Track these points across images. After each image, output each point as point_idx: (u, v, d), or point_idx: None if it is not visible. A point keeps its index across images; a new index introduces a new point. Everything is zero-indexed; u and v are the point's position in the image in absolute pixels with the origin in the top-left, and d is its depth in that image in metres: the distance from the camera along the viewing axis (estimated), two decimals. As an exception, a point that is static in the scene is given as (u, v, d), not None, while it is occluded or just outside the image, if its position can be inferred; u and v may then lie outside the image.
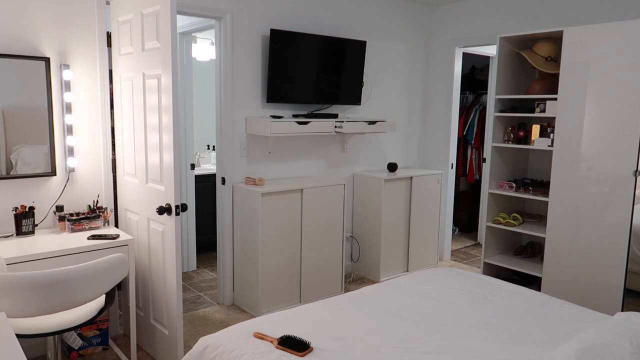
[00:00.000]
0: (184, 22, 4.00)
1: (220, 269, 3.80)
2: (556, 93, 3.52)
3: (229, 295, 3.79)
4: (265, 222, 3.48)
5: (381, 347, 1.91)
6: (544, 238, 3.65)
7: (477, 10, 4.56)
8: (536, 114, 3.74)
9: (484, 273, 4.03)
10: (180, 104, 3.56)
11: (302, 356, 1.81)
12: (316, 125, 3.75)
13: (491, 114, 4.09)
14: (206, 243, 4.64)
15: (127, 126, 2.98)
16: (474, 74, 6.14)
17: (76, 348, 2.91)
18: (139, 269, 2.96)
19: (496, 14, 4.41)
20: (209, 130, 4.37)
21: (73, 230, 2.84)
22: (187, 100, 4.21)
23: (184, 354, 2.16)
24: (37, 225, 2.83)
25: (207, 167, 5.13)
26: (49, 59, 2.84)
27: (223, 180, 3.68)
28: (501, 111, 3.95)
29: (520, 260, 4.10)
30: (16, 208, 2.74)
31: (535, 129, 3.81)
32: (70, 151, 2.95)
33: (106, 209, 3.02)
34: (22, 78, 2.78)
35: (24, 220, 2.74)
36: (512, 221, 4.00)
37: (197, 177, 4.44)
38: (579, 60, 3.38)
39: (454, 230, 5.80)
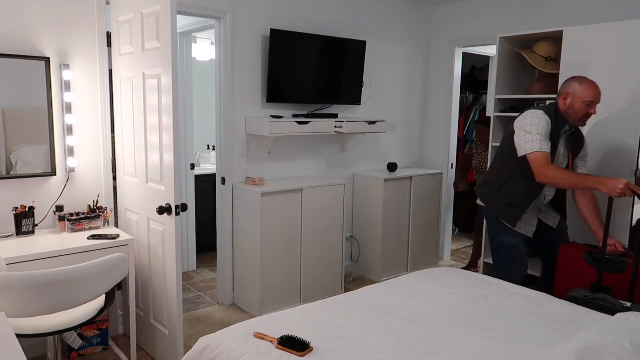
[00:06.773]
0: (184, 22, 4.00)
1: (220, 269, 3.80)
2: (556, 93, 3.52)
3: (229, 295, 3.79)
4: (265, 222, 3.48)
5: (381, 347, 1.91)
6: (544, 238, 3.64)
7: (477, 10, 4.55)
8: (536, 114, 3.73)
9: (484, 273, 4.02)
10: (180, 104, 3.56)
11: (302, 356, 1.81)
12: (316, 125, 3.75)
13: (491, 114, 4.08)
14: (206, 243, 4.64)
15: (127, 126, 2.98)
16: (474, 74, 6.14)
17: (76, 348, 2.91)
18: (139, 269, 2.96)
19: (496, 14, 4.41)
20: (209, 130, 4.37)
21: (73, 230, 2.84)
22: (187, 100, 4.21)
23: (184, 354, 2.15)
24: (37, 225, 2.83)
25: (207, 167, 5.13)
26: (49, 59, 2.84)
27: (223, 180, 3.68)
28: (501, 111, 3.95)
29: (520, 260, 4.08)
30: (16, 208, 2.74)
31: (535, 129, 3.79)
32: (70, 151, 2.95)
33: (106, 209, 3.02)
34: (22, 78, 2.78)
35: (24, 220, 2.74)
36: (512, 221, 3.99)
37: (197, 177, 4.44)
38: (579, 60, 3.38)
39: (454, 230, 5.80)
